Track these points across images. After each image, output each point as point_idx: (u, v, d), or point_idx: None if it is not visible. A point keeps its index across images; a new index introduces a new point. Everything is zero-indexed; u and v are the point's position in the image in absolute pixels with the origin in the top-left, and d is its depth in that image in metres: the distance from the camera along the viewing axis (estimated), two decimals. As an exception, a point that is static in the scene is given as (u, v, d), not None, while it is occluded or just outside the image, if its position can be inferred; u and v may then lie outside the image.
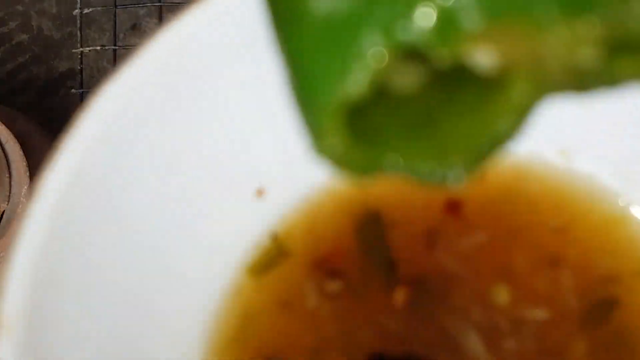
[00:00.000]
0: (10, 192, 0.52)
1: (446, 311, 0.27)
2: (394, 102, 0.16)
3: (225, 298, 0.26)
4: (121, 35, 0.64)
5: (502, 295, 0.28)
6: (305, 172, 0.26)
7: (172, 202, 0.24)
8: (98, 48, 0.60)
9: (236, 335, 0.26)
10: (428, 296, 0.28)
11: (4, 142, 0.54)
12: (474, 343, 0.27)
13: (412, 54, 0.15)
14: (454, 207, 0.28)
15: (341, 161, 0.16)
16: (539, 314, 0.28)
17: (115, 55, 0.59)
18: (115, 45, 0.58)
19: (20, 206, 0.52)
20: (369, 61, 0.14)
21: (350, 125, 0.16)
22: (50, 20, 0.70)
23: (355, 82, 0.15)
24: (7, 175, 0.53)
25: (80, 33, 0.59)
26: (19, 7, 0.70)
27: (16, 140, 0.54)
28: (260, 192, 0.26)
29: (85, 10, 0.61)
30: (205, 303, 0.26)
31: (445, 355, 0.27)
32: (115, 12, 0.59)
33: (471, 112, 0.16)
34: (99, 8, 0.60)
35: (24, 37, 0.69)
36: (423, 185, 0.17)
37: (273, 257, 0.27)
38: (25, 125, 0.59)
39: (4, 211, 0.52)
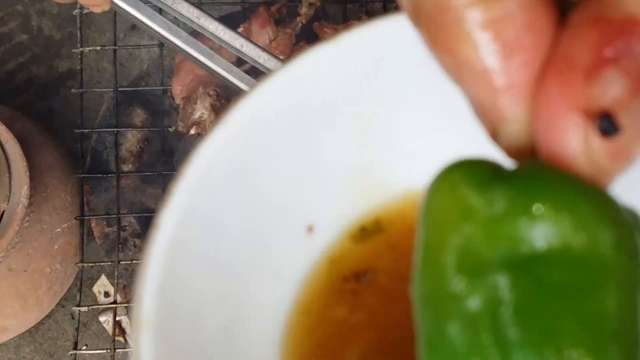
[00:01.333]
0: (10, 192, 0.52)
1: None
2: None
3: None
4: (121, 35, 0.64)
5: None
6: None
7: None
8: (98, 48, 0.60)
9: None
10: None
11: (4, 142, 0.53)
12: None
13: None
14: None
15: None
16: None
17: (115, 55, 0.58)
18: (115, 45, 0.58)
19: (20, 206, 0.51)
20: None
21: None
22: (50, 20, 0.70)
23: None
24: (7, 175, 0.52)
25: (80, 33, 0.59)
26: (19, 7, 0.70)
27: (16, 140, 0.53)
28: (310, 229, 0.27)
29: (85, 10, 0.60)
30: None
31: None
32: (115, 12, 0.59)
33: None
34: (99, 8, 0.60)
35: (24, 37, 0.69)
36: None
37: None
38: (25, 125, 0.59)
39: (4, 211, 0.51)
